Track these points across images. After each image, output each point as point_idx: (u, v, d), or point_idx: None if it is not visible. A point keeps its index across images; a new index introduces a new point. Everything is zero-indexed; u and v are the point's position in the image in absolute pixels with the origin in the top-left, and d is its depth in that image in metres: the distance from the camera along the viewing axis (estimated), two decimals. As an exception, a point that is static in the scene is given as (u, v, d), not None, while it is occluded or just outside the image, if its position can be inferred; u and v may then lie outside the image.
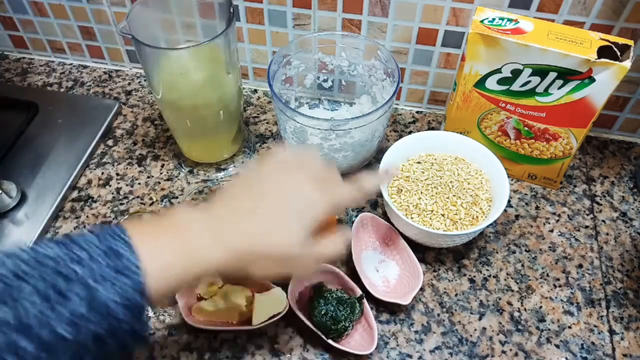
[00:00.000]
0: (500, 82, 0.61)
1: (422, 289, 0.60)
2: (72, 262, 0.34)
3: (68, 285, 0.33)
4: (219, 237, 0.40)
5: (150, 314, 0.58)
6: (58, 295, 0.33)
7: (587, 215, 0.67)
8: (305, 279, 0.44)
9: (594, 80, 0.57)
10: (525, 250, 0.64)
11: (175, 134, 0.70)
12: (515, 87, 0.61)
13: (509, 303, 0.59)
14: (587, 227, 0.66)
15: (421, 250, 0.62)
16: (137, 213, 0.59)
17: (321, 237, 0.44)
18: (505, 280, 0.61)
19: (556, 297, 0.60)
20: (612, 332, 0.57)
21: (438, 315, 0.58)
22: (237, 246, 0.40)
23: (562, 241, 0.65)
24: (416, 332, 0.57)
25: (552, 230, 0.66)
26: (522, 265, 0.62)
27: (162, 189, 0.70)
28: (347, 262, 0.62)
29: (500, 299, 0.59)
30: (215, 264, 0.40)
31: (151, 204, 0.68)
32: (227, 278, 0.54)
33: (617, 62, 0.55)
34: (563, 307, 0.59)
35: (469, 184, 0.63)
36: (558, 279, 0.61)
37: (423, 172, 0.64)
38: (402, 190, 0.63)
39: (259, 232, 0.41)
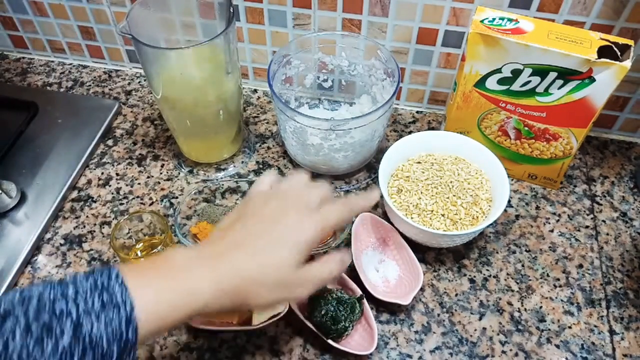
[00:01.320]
0: (500, 82, 0.61)
1: (422, 289, 0.60)
2: (58, 299, 0.34)
3: (52, 320, 0.33)
4: (210, 273, 0.40)
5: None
6: (42, 330, 0.33)
7: (588, 215, 0.67)
8: (302, 301, 0.44)
9: (594, 80, 0.57)
10: (526, 250, 0.64)
11: (175, 134, 0.70)
12: (516, 87, 0.61)
13: (509, 303, 0.59)
14: (587, 227, 0.66)
15: (421, 250, 0.62)
16: (137, 213, 0.59)
17: (315, 260, 0.45)
18: (505, 280, 0.61)
19: (556, 297, 0.60)
20: (612, 332, 0.57)
21: (438, 315, 0.58)
22: (228, 280, 0.40)
23: (562, 241, 0.65)
24: (416, 332, 0.57)
25: (552, 230, 0.66)
26: (522, 266, 0.62)
27: (162, 189, 0.70)
28: (347, 262, 0.62)
29: (500, 299, 0.59)
30: (206, 300, 0.39)
31: (151, 204, 0.68)
32: (222, 313, 0.55)
33: (617, 62, 0.55)
34: (563, 307, 0.59)
35: (469, 184, 0.63)
36: (558, 279, 0.61)
37: (423, 172, 0.64)
38: (402, 190, 0.63)
39: (248, 263, 0.41)
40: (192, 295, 0.39)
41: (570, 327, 0.57)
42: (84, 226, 0.66)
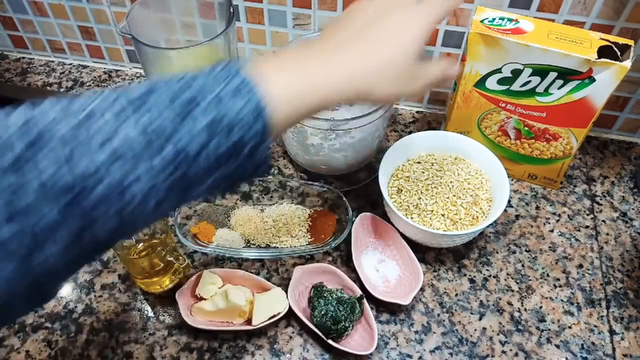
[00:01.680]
0: (500, 82, 0.61)
1: (422, 289, 0.60)
2: (185, 89, 0.35)
3: (187, 105, 0.34)
4: (326, 75, 0.40)
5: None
6: (181, 110, 0.33)
7: (588, 215, 0.67)
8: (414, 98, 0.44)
9: (594, 80, 0.57)
10: (526, 250, 0.64)
11: (175, 134, 0.70)
12: (516, 87, 0.61)
13: (509, 303, 0.59)
14: (587, 227, 0.66)
15: (421, 250, 0.62)
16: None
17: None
18: (505, 280, 0.61)
19: (556, 297, 0.60)
20: (612, 332, 0.57)
21: (438, 315, 0.58)
22: (344, 77, 0.41)
23: (562, 241, 0.65)
24: (416, 332, 0.57)
25: (552, 230, 0.66)
26: (522, 266, 0.62)
27: (162, 189, 0.70)
28: (347, 262, 0.62)
29: (500, 299, 0.59)
30: (325, 97, 0.40)
31: (151, 204, 0.68)
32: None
33: (617, 62, 0.55)
34: (563, 307, 0.59)
35: (469, 184, 0.63)
36: (558, 279, 0.61)
37: (423, 172, 0.64)
38: (402, 190, 0.63)
39: (362, 60, 0.42)
40: (318, 83, 0.39)
41: (570, 327, 0.57)
42: (84, 226, 0.66)
